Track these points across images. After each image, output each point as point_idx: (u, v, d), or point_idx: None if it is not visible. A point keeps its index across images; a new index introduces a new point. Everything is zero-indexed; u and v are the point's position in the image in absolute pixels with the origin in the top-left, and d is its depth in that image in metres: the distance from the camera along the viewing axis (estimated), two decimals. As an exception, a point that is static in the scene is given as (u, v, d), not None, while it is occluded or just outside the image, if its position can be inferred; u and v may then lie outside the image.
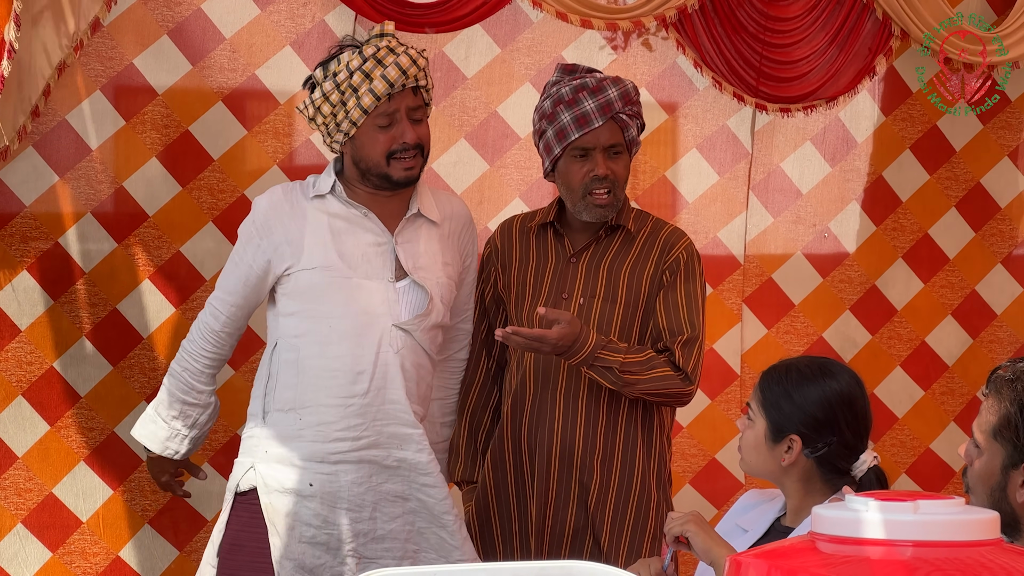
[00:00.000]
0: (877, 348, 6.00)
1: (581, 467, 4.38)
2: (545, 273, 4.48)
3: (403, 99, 4.23)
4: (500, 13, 5.42)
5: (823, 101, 5.76)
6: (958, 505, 2.12)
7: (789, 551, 2.09)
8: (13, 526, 4.97)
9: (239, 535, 4.28)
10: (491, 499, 4.50)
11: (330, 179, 4.32)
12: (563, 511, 4.40)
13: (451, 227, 4.43)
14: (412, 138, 4.24)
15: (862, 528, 2.07)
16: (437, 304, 4.31)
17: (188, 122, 5.14)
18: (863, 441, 3.54)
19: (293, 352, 4.25)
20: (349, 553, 4.23)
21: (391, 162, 4.24)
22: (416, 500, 4.29)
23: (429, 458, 4.30)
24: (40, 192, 4.99)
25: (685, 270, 4.44)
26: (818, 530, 2.12)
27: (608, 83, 4.41)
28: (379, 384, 4.24)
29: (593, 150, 4.39)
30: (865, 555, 2.03)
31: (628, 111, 4.41)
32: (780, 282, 5.87)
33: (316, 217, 4.28)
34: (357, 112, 4.19)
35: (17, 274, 4.95)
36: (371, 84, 4.17)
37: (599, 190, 4.39)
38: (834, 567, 2.02)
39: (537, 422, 4.41)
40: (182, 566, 5.15)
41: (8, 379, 4.95)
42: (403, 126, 4.23)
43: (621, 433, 4.41)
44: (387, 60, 4.17)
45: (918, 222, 6.03)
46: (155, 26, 5.10)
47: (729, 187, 5.78)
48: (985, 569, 2.00)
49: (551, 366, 4.41)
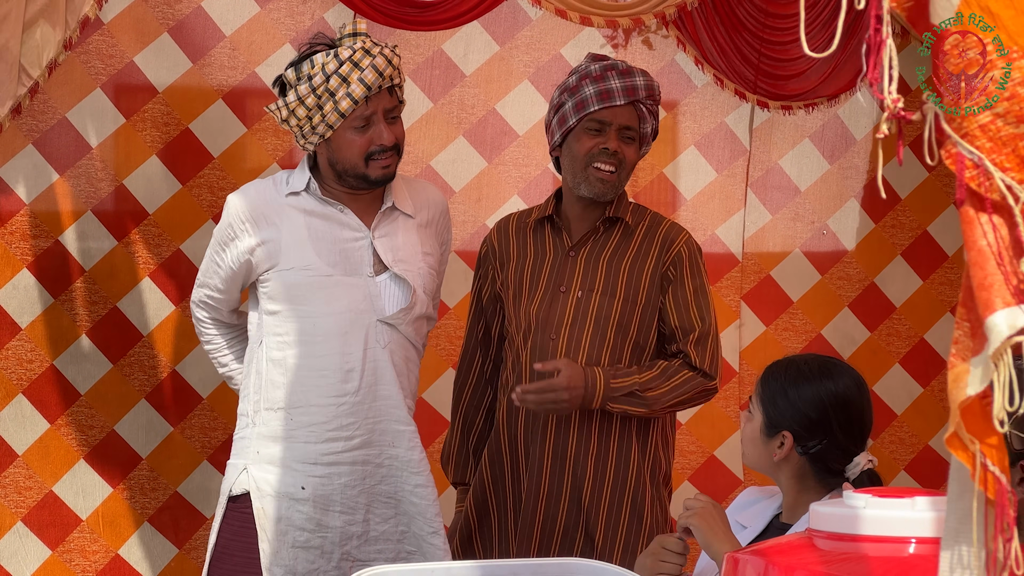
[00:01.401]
0: (876, 345, 5.99)
1: (575, 464, 4.37)
2: (543, 267, 4.47)
3: (380, 101, 4.18)
4: (499, 11, 5.42)
5: (825, 99, 5.76)
6: (955, 502, 2.12)
7: (787, 548, 2.10)
8: (13, 524, 4.98)
9: (229, 543, 4.24)
10: (489, 496, 4.50)
11: (304, 176, 4.28)
12: (555, 508, 4.39)
13: (427, 215, 4.40)
14: (390, 139, 4.20)
15: (859, 525, 2.08)
16: (420, 295, 4.28)
17: (188, 120, 5.14)
18: (858, 444, 3.52)
19: (280, 351, 4.22)
20: (342, 556, 4.21)
21: (369, 163, 4.21)
22: (408, 502, 4.27)
23: (420, 456, 4.28)
24: (40, 190, 4.99)
25: (689, 266, 4.43)
26: (816, 527, 2.12)
27: (637, 72, 4.42)
28: (370, 381, 4.22)
29: (609, 126, 4.39)
30: (862, 551, 2.04)
31: (649, 104, 4.42)
32: (779, 279, 5.87)
33: (292, 216, 4.24)
34: (334, 116, 4.14)
35: (17, 272, 4.96)
36: (348, 88, 4.11)
37: (605, 164, 4.38)
38: (832, 564, 2.02)
39: (533, 418, 4.41)
40: (181, 564, 5.16)
41: (8, 377, 4.95)
42: (380, 128, 4.19)
43: (615, 431, 4.40)
44: (364, 63, 4.12)
45: (917, 219, 6.03)
46: (155, 24, 5.10)
47: (727, 184, 5.78)
48: (982, 565, 2.00)
49: (546, 360, 4.39)
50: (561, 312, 4.40)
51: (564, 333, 4.39)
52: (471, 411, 4.62)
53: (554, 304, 4.41)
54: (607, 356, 4.37)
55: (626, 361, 4.38)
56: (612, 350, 4.38)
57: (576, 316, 4.40)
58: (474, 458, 4.60)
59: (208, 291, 4.37)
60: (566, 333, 4.38)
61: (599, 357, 4.37)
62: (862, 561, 2.01)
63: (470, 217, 5.47)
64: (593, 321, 4.39)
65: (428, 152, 5.43)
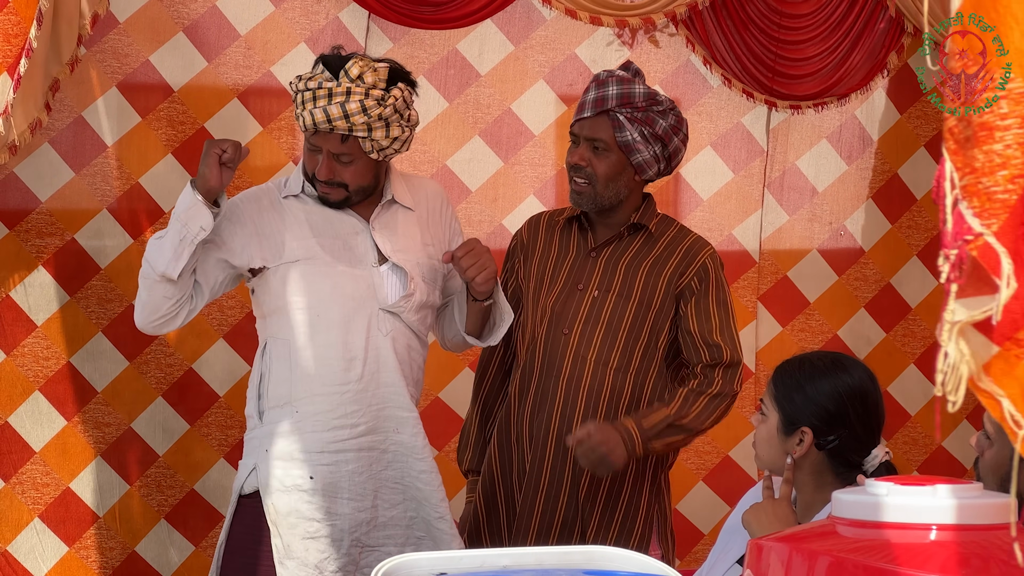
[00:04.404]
0: (891, 346, 6.00)
1: (575, 459, 4.39)
2: (564, 264, 4.52)
3: (327, 141, 4.19)
4: (513, 11, 5.43)
5: (834, 98, 5.76)
6: (976, 490, 2.13)
7: (810, 535, 2.11)
8: (30, 521, 4.99)
9: (240, 540, 4.28)
10: (497, 486, 4.53)
11: (299, 179, 4.34)
12: (554, 501, 4.42)
13: (428, 208, 4.43)
14: (323, 175, 4.22)
15: (882, 512, 2.08)
16: (419, 283, 4.31)
17: (203, 119, 5.15)
18: (875, 436, 3.54)
19: (284, 347, 4.25)
20: (352, 543, 4.25)
21: (315, 182, 4.26)
22: (414, 487, 4.31)
23: (424, 443, 4.32)
24: (56, 188, 5.00)
25: (715, 280, 4.47)
26: (838, 514, 2.13)
27: (613, 81, 4.43)
28: (372, 368, 4.25)
29: (579, 137, 4.44)
30: (885, 538, 2.04)
31: (626, 113, 4.41)
32: (795, 280, 5.88)
33: (293, 213, 4.29)
34: (300, 123, 4.21)
35: (33, 270, 4.97)
36: (303, 112, 4.16)
37: (575, 176, 4.45)
38: (854, 550, 2.02)
39: (538, 409, 4.44)
40: (197, 561, 5.17)
41: (25, 374, 4.96)
42: (322, 160, 4.22)
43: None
44: (319, 103, 4.12)
45: (932, 220, 6.03)
46: (170, 23, 5.11)
47: (744, 185, 5.79)
48: (1002, 551, 2.01)
49: (556, 353, 4.44)
50: (576, 309, 4.45)
51: (577, 330, 4.44)
52: (491, 398, 4.67)
53: (570, 300, 4.47)
54: (616, 356, 4.42)
55: (636, 363, 4.41)
56: (622, 351, 4.42)
57: (590, 315, 4.45)
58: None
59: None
60: (579, 330, 4.44)
61: (609, 357, 4.41)
62: (884, 548, 2.01)
63: (486, 217, 5.48)
64: (606, 321, 4.43)
65: (444, 152, 5.44)
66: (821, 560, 2.00)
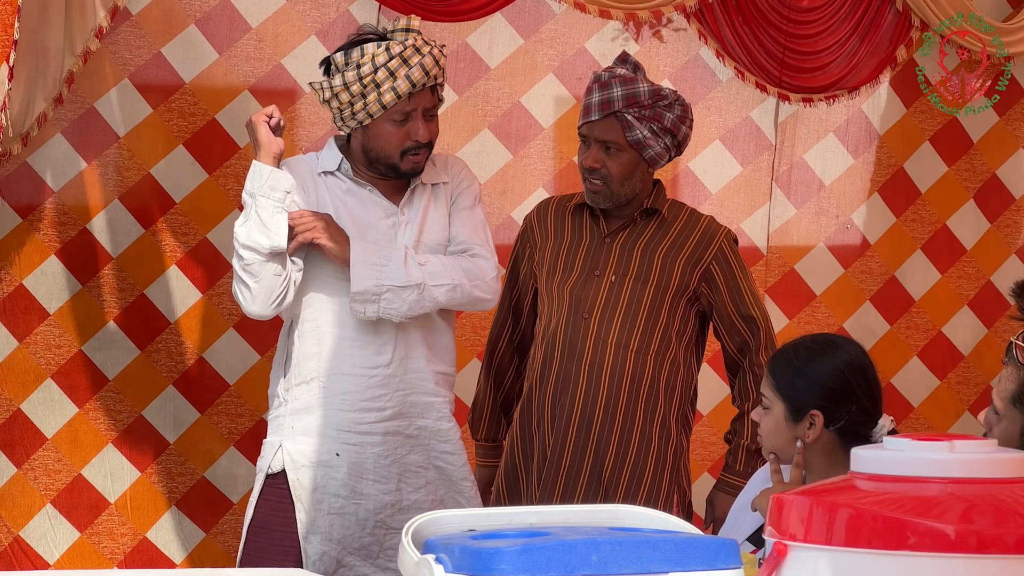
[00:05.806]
0: (895, 338, 6.03)
1: (597, 441, 4.45)
2: (579, 250, 4.58)
3: (422, 99, 4.27)
4: (523, 4, 5.46)
5: (845, 91, 5.80)
6: (991, 445, 2.16)
7: (831, 489, 2.14)
8: (42, 506, 5.01)
9: (267, 518, 4.31)
10: (519, 467, 4.57)
11: (335, 156, 4.37)
12: (574, 484, 4.46)
13: (452, 180, 4.48)
14: (425, 136, 4.28)
15: (900, 466, 2.11)
16: None
17: (215, 111, 5.18)
18: (878, 407, 3.60)
19: (312, 323, 4.28)
20: (376, 524, 4.28)
21: (403, 157, 4.29)
22: (435, 468, 4.35)
23: (450, 425, 4.37)
24: (68, 179, 5.03)
25: (736, 260, 4.59)
26: (857, 469, 2.16)
27: (617, 81, 4.47)
28: (402, 354, 4.29)
29: (588, 138, 4.49)
30: (904, 491, 2.07)
31: (633, 112, 4.45)
32: (802, 273, 5.92)
33: (328, 191, 4.34)
34: (376, 107, 4.22)
35: (45, 259, 5.00)
36: (395, 83, 4.19)
37: (589, 178, 4.51)
38: (874, 502, 2.06)
39: (560, 394, 4.48)
40: (208, 547, 5.19)
41: (37, 362, 4.99)
42: (417, 124, 4.27)
43: (640, 414, 4.47)
44: (413, 60, 4.19)
45: (936, 213, 6.07)
46: (182, 16, 5.14)
47: (752, 178, 5.82)
48: (1018, 503, 2.04)
49: (577, 338, 4.50)
50: (595, 294, 4.52)
51: (596, 314, 4.50)
52: (503, 368, 4.77)
53: (588, 286, 4.53)
54: (636, 339, 4.48)
55: (655, 346, 4.48)
56: (642, 334, 4.48)
57: (609, 299, 4.51)
58: (503, 415, 4.75)
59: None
60: (598, 314, 4.50)
61: (629, 340, 4.47)
62: (903, 500, 2.04)
63: (495, 209, 5.51)
64: (625, 305, 4.49)
65: (453, 144, 5.47)
66: (841, 512, 2.03)
